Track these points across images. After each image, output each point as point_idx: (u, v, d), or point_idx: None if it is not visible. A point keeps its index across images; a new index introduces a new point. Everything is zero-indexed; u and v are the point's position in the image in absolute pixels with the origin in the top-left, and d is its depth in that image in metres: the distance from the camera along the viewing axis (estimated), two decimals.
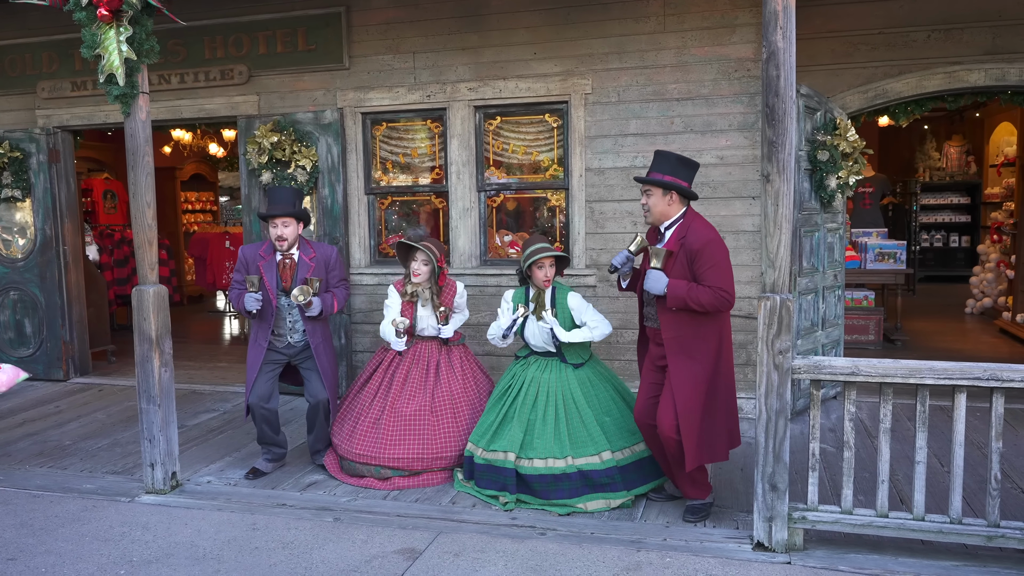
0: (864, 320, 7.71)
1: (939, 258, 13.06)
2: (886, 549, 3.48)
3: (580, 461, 4.00)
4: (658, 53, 5.44)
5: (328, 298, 4.53)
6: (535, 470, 4.02)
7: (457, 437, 4.38)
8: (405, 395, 4.42)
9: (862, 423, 5.32)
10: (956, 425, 3.31)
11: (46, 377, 7.12)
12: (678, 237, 3.70)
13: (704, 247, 3.59)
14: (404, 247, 4.52)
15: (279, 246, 4.47)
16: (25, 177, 6.93)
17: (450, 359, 4.57)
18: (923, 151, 13.27)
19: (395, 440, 4.33)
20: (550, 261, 4.20)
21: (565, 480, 3.98)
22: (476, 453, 4.20)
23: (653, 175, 3.73)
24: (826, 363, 3.43)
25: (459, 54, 5.82)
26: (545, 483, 3.99)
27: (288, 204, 4.47)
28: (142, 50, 4.06)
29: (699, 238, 3.62)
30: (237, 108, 6.33)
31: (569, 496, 3.98)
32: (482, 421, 4.27)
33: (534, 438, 4.08)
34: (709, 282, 3.56)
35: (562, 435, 4.05)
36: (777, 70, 3.32)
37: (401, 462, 4.30)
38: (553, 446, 4.03)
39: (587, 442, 4.04)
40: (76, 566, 3.54)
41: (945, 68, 5.77)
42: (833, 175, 5.44)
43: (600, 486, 3.99)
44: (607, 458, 4.01)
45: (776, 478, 3.45)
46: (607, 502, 3.98)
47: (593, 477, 3.99)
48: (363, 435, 4.38)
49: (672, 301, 3.59)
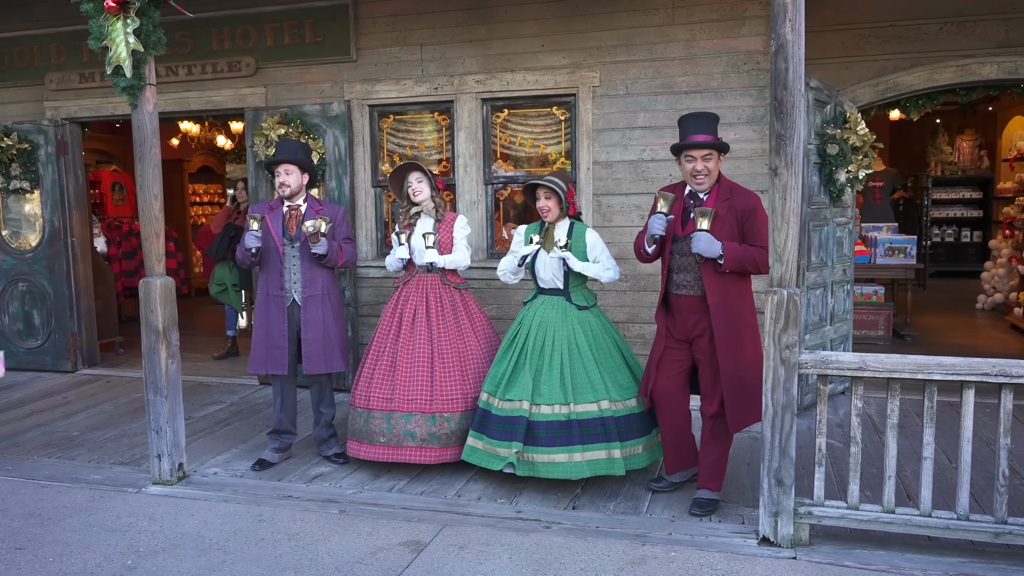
0: (873, 315, 7.69)
1: (950, 253, 13.00)
2: (892, 545, 3.48)
3: (579, 408, 4.03)
4: (667, 46, 5.43)
5: (335, 245, 4.52)
6: (543, 416, 4.03)
7: (465, 380, 4.37)
8: (416, 338, 4.39)
9: (870, 419, 5.32)
10: (964, 421, 3.31)
11: (54, 368, 7.18)
12: (721, 198, 3.69)
13: (757, 206, 3.64)
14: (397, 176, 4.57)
15: (281, 192, 4.50)
16: (33, 169, 6.97)
17: (453, 298, 4.52)
18: (935, 145, 13.19)
19: (409, 381, 4.31)
20: (544, 193, 4.20)
21: (566, 428, 4.00)
22: (493, 404, 4.17)
23: (705, 138, 3.66)
24: (833, 358, 3.43)
25: (467, 46, 5.82)
26: (551, 430, 4.00)
27: (291, 152, 4.50)
28: (149, 42, 4.07)
29: (750, 197, 3.66)
30: (244, 100, 6.35)
31: (570, 444, 3.98)
32: (494, 370, 4.26)
33: (541, 384, 4.09)
34: (761, 242, 3.59)
35: (566, 381, 4.07)
36: (786, 63, 3.31)
37: (415, 404, 4.27)
38: (558, 392, 4.05)
39: (587, 389, 4.06)
40: (83, 556, 3.57)
41: (957, 61, 5.73)
42: (843, 169, 5.41)
43: (595, 436, 4.00)
44: (605, 407, 4.03)
45: (782, 473, 3.45)
46: (608, 452, 3.99)
47: (590, 426, 4.00)
48: (380, 381, 4.38)
49: (730, 263, 3.58)
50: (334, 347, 4.58)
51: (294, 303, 4.53)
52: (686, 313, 3.83)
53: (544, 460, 4.01)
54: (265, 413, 5.71)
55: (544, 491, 4.18)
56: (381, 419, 4.34)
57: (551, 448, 4.01)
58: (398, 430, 4.30)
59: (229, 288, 7.46)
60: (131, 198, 10.59)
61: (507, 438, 4.06)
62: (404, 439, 4.30)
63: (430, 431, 4.29)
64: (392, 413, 4.31)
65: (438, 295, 4.50)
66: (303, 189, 4.58)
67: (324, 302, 4.56)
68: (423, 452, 4.30)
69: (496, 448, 4.10)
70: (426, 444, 4.29)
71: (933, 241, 12.81)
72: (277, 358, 4.53)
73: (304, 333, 4.52)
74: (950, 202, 12.99)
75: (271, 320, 4.54)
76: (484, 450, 4.16)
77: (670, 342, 3.93)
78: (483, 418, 4.21)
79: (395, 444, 4.31)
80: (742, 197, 3.67)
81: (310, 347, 4.51)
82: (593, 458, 3.99)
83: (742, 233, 3.66)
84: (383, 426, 4.33)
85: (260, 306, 4.59)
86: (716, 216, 3.65)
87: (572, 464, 3.98)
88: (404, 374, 4.35)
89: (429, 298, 4.49)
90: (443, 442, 4.31)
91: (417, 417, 4.29)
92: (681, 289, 3.83)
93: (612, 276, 4.23)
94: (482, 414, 4.22)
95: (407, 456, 4.31)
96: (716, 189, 3.73)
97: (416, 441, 4.29)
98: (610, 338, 4.27)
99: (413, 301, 4.49)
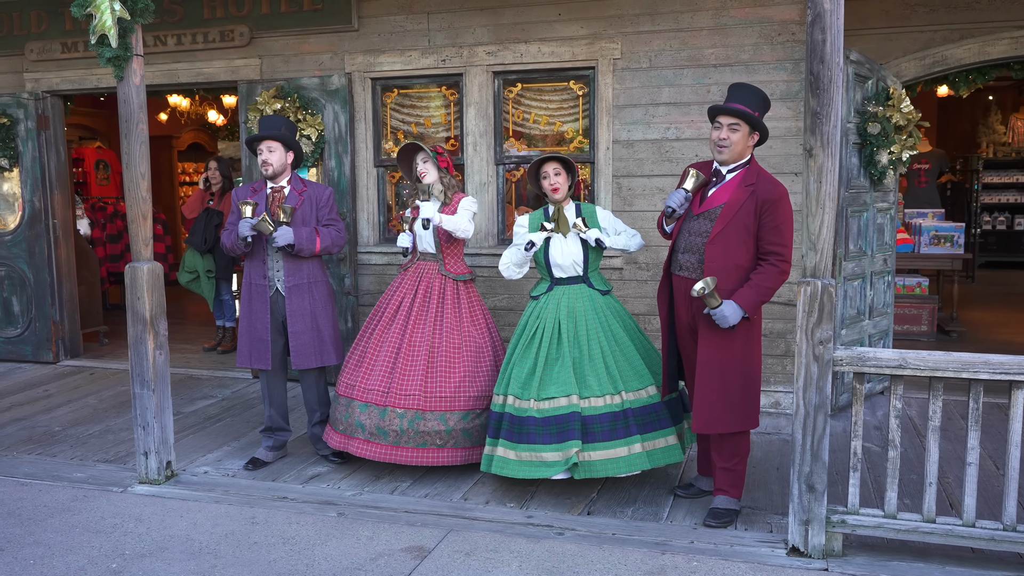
0: (917, 309, 7.65)
1: (1002, 242, 12.87)
2: (932, 557, 3.49)
3: (630, 396, 4.05)
4: (694, 15, 5.40)
5: (307, 232, 4.48)
6: (595, 410, 4.01)
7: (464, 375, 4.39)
8: (410, 329, 4.42)
9: (911, 420, 5.31)
10: (1012, 424, 3.30)
11: (34, 359, 7.26)
12: (744, 182, 3.68)
13: (780, 199, 3.62)
14: (405, 156, 4.60)
15: (264, 171, 4.53)
16: (12, 145, 7.03)
17: (456, 291, 4.54)
18: (987, 124, 13.06)
19: (410, 377, 4.34)
20: (554, 168, 4.20)
21: (623, 418, 4.01)
22: (528, 407, 4.03)
23: (737, 106, 3.66)
24: (871, 355, 3.42)
25: (477, 15, 5.81)
26: (606, 423, 3.99)
27: (274, 128, 4.52)
28: (136, 9, 4.09)
29: (775, 188, 3.64)
30: (238, 72, 6.37)
31: (628, 435, 3.98)
32: (515, 370, 4.16)
33: (587, 376, 4.07)
34: (771, 240, 3.60)
35: (611, 370, 4.08)
36: (823, 34, 3.29)
37: (413, 400, 4.29)
38: (606, 382, 4.05)
39: (632, 376, 4.09)
40: (66, 558, 3.63)
41: (1012, 33, 5.67)
42: (885, 150, 5.38)
43: (650, 423, 4.05)
44: (653, 393, 4.09)
45: (814, 478, 3.46)
46: (665, 440, 4.06)
47: (643, 414, 4.03)
48: (376, 371, 4.40)
49: (753, 312, 3.64)
50: (325, 339, 4.61)
51: (277, 292, 4.56)
52: (689, 297, 3.82)
53: (602, 457, 3.97)
54: (258, 409, 5.76)
55: (557, 495, 4.20)
56: (367, 411, 4.36)
57: (609, 443, 3.98)
58: (384, 425, 4.31)
59: (202, 275, 7.39)
60: (116, 177, 10.64)
61: (559, 439, 3.96)
62: (399, 436, 4.31)
63: (419, 428, 4.30)
64: (383, 408, 4.33)
65: (439, 287, 4.51)
66: (288, 169, 4.59)
67: (311, 291, 4.58)
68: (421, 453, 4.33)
69: (542, 454, 3.97)
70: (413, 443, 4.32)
71: (983, 229, 12.69)
72: (260, 352, 4.57)
73: (290, 326, 4.54)
74: (1003, 187, 12.85)
75: (254, 311, 4.57)
76: (523, 460, 4.01)
77: (681, 331, 3.94)
78: (513, 424, 4.07)
79: (391, 443, 4.33)
80: (767, 185, 3.64)
81: (297, 340, 4.54)
82: (652, 448, 4.03)
83: (758, 223, 3.62)
84: (366, 419, 4.34)
85: (244, 296, 4.63)
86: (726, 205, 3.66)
87: (633, 457, 3.98)
88: (388, 366, 4.38)
89: (431, 288, 4.51)
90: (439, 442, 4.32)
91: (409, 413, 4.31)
92: (684, 270, 3.84)
93: (640, 242, 4.31)
94: (510, 420, 4.08)
95: (400, 457, 4.33)
96: (743, 172, 3.71)
97: (400, 439, 4.31)
98: (633, 323, 4.32)
99: (411, 289, 4.53)
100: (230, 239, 4.55)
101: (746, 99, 3.67)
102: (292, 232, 4.41)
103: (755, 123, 3.66)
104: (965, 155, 12.95)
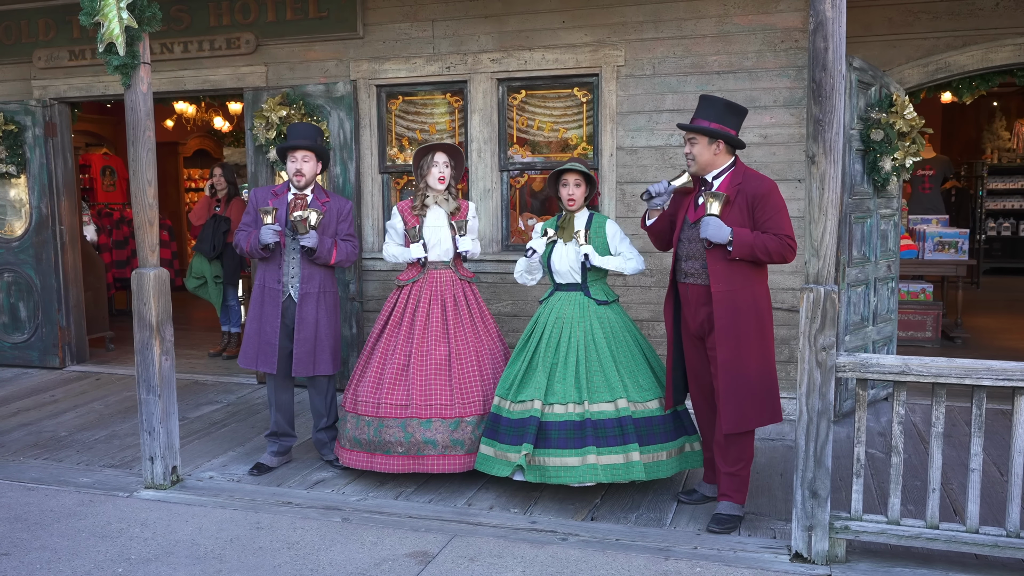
0: (921, 315, 7.64)
1: (1007, 248, 12.85)
2: (936, 563, 3.49)
3: (594, 407, 4.05)
4: (697, 22, 5.42)
5: (328, 241, 4.54)
6: (555, 416, 4.06)
7: (484, 380, 4.41)
8: (431, 339, 4.42)
9: (914, 427, 5.30)
10: (1016, 431, 3.30)
11: (41, 364, 7.29)
12: (732, 184, 3.76)
13: (770, 192, 3.70)
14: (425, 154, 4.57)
15: (296, 181, 4.54)
16: (20, 152, 7.07)
17: (467, 293, 4.58)
18: (991, 130, 13.05)
19: (426, 386, 4.33)
20: (575, 179, 4.24)
21: (580, 428, 4.01)
22: (504, 407, 4.20)
23: (698, 122, 3.78)
24: (874, 361, 3.43)
25: (481, 22, 5.84)
26: (563, 431, 4.02)
27: (309, 138, 4.54)
28: (143, 17, 4.13)
29: (763, 183, 3.73)
30: (244, 79, 6.41)
31: (583, 446, 3.98)
32: (508, 372, 4.30)
33: (555, 383, 4.12)
34: (773, 229, 3.65)
35: (581, 379, 4.11)
36: (825, 42, 3.31)
37: (433, 409, 4.28)
38: (572, 390, 4.08)
39: (603, 387, 4.08)
40: (72, 563, 3.65)
41: (1015, 39, 5.68)
42: (888, 156, 5.39)
43: (612, 437, 4.00)
44: (623, 407, 4.04)
45: (817, 484, 3.46)
46: (625, 456, 3.98)
47: (606, 427, 4.01)
48: (391, 385, 4.36)
49: (739, 250, 3.64)
50: (324, 348, 4.62)
51: (290, 299, 4.58)
52: (695, 305, 3.87)
53: (556, 464, 4.01)
54: (264, 414, 5.78)
55: (561, 501, 4.21)
56: (396, 427, 4.32)
57: (563, 450, 4.01)
58: (417, 438, 4.28)
59: (210, 281, 7.44)
60: (123, 183, 10.70)
61: (517, 441, 4.07)
62: (424, 447, 4.28)
63: (452, 437, 4.29)
64: (409, 420, 4.31)
65: (453, 292, 4.54)
66: (315, 181, 4.63)
67: (320, 300, 4.61)
68: (446, 460, 4.30)
69: (507, 453, 4.12)
70: (449, 451, 4.29)
71: (988, 235, 12.67)
72: (268, 355, 4.58)
73: (297, 332, 4.57)
74: (1008, 192, 12.83)
75: (265, 314, 4.59)
76: (494, 456, 4.18)
77: (688, 341, 3.98)
78: (494, 423, 4.23)
79: (415, 453, 4.30)
80: (754, 181, 3.74)
81: (300, 348, 4.56)
82: (609, 462, 3.99)
83: (753, 220, 3.71)
84: (399, 435, 4.30)
85: (255, 299, 4.64)
86: (728, 201, 3.71)
87: (586, 468, 3.96)
88: (419, 378, 4.36)
89: (445, 295, 4.52)
90: (468, 448, 4.31)
91: (437, 423, 4.29)
92: (689, 278, 3.89)
93: (636, 267, 4.26)
94: (493, 419, 4.25)
95: (430, 466, 4.30)
96: (729, 175, 3.80)
97: (438, 449, 4.29)
98: (631, 336, 4.29)
99: (427, 299, 4.51)
100: (248, 241, 4.56)
101: (706, 112, 3.79)
102: (318, 237, 4.47)
103: (712, 134, 3.75)
104: (969, 161, 12.95)
